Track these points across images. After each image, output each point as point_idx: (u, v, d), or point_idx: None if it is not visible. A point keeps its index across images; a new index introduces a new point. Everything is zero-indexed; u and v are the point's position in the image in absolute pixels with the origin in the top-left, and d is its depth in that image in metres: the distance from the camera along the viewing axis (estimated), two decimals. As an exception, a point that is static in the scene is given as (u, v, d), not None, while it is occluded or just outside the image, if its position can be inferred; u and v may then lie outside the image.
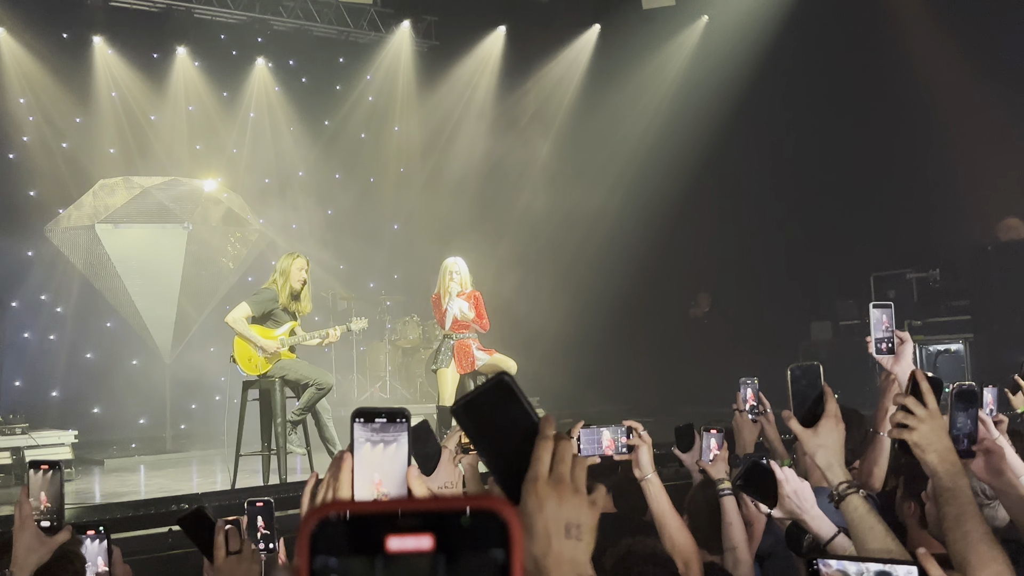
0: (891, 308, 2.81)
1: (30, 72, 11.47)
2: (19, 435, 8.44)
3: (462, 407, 1.12)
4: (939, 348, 10.59)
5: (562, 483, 1.09)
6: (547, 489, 1.09)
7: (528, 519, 1.08)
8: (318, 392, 7.26)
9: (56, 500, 2.27)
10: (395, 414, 1.38)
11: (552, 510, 1.08)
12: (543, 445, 1.10)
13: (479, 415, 1.12)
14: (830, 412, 2.06)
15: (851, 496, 2.01)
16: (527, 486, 1.09)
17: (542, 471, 1.10)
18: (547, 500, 1.08)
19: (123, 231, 10.33)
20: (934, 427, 1.96)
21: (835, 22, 11.86)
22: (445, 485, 2.69)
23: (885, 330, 2.78)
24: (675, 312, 13.52)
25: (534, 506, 1.09)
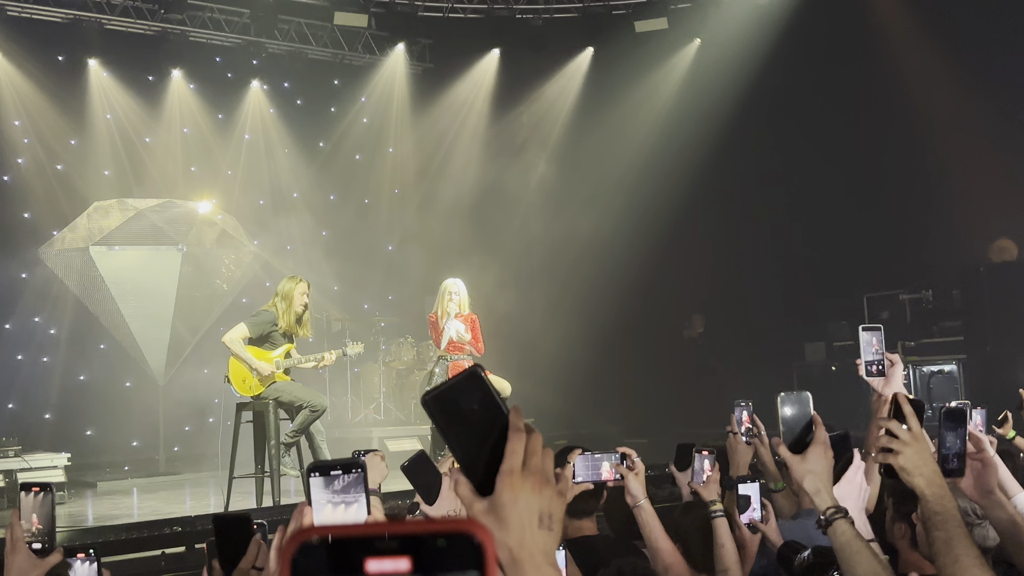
0: (880, 331, 2.83)
1: (25, 94, 11.50)
2: (12, 458, 8.42)
3: (432, 399, 1.13)
4: (932, 369, 10.61)
5: (535, 475, 1.12)
6: (521, 481, 1.11)
7: (503, 510, 1.11)
8: (312, 414, 7.25)
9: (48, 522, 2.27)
10: (350, 465, 1.40)
11: (526, 501, 1.11)
12: (516, 438, 1.12)
13: (449, 407, 1.13)
14: (819, 439, 2.07)
15: (838, 521, 2.02)
16: (502, 479, 1.11)
17: (516, 464, 1.11)
18: (522, 492, 1.11)
19: (117, 253, 10.35)
20: (919, 450, 1.96)
21: (826, 44, 11.95)
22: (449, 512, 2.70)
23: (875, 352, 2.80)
24: (669, 333, 13.54)
25: (509, 498, 1.11)
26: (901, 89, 11.36)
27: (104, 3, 11.95)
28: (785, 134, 12.42)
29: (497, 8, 13.49)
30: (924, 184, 11.28)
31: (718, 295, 12.94)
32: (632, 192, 12.90)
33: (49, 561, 2.25)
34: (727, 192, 12.78)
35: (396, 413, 11.96)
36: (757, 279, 12.63)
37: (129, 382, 11.54)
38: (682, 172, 12.44)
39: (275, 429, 7.23)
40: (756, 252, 12.70)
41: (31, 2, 11.51)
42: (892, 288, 11.54)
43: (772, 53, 12.04)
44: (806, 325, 12.18)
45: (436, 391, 1.13)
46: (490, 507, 1.12)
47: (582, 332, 12.58)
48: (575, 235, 13.36)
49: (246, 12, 12.65)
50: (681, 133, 12.71)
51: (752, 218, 12.78)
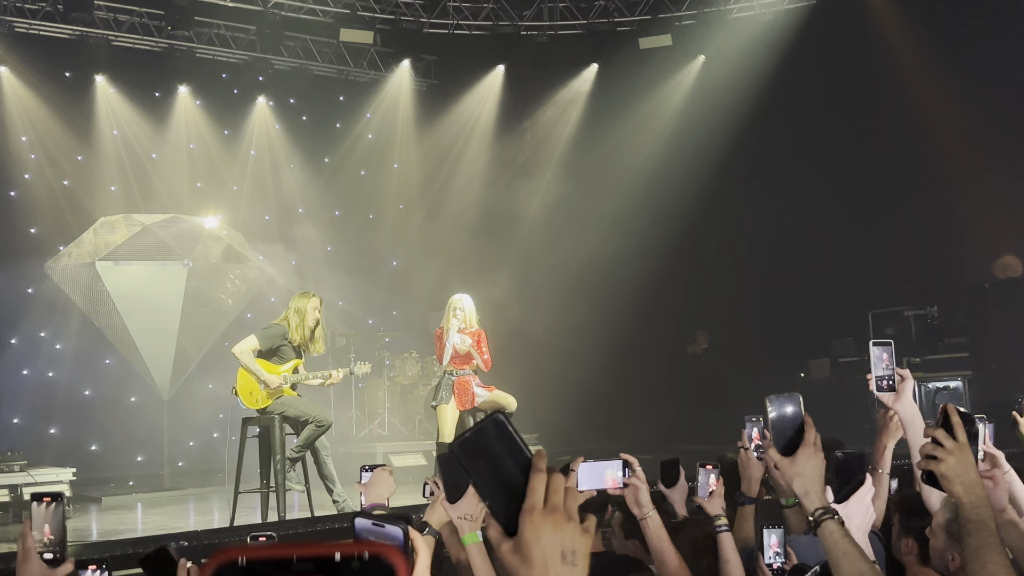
0: (891, 346, 2.84)
1: (32, 110, 11.57)
2: (17, 472, 8.42)
3: (459, 445, 1.19)
4: (938, 385, 10.59)
5: (556, 512, 1.16)
6: (542, 518, 1.15)
7: (526, 548, 1.15)
8: (317, 429, 7.26)
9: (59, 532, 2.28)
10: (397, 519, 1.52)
11: (548, 538, 1.15)
12: (537, 477, 1.17)
13: (475, 452, 1.18)
14: (808, 440, 2.08)
15: (827, 522, 2.04)
16: (524, 517, 1.16)
17: (537, 502, 1.16)
18: (543, 529, 1.15)
19: (123, 268, 10.38)
20: (962, 459, 2.00)
21: (830, 61, 11.99)
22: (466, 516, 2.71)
23: (885, 367, 2.80)
24: (673, 349, 13.53)
25: (531, 535, 1.15)
26: (906, 105, 11.38)
27: (111, 20, 12.02)
28: (789, 151, 12.44)
29: (502, 25, 13.56)
30: (929, 201, 11.29)
31: (722, 311, 12.93)
32: (636, 209, 12.92)
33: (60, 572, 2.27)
34: (731, 208, 12.80)
35: (400, 428, 11.95)
36: (761, 295, 12.63)
37: (134, 397, 11.56)
38: (686, 188, 12.46)
39: (281, 444, 7.23)
40: (760, 268, 12.70)
41: (39, 19, 11.59)
42: (897, 304, 11.53)
43: (776, 70, 12.08)
44: (811, 341, 12.16)
45: (462, 438, 1.19)
46: (515, 546, 1.16)
47: (586, 348, 12.58)
48: (579, 252, 13.38)
49: (252, 29, 12.72)
50: (685, 149, 12.74)
51: (756, 234, 12.79)
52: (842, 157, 12.14)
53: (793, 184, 12.43)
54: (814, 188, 12.24)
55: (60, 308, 11.18)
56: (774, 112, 12.16)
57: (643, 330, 12.88)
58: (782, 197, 12.55)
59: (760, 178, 12.67)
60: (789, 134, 12.36)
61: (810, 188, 12.28)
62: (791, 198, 12.49)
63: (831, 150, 12.17)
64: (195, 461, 11.64)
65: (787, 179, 12.52)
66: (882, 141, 11.82)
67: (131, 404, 11.50)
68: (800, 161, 12.39)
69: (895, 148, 11.63)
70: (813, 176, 12.27)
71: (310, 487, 7.46)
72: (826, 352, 12.07)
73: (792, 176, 12.47)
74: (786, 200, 12.53)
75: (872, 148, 11.93)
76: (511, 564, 1.17)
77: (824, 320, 12.13)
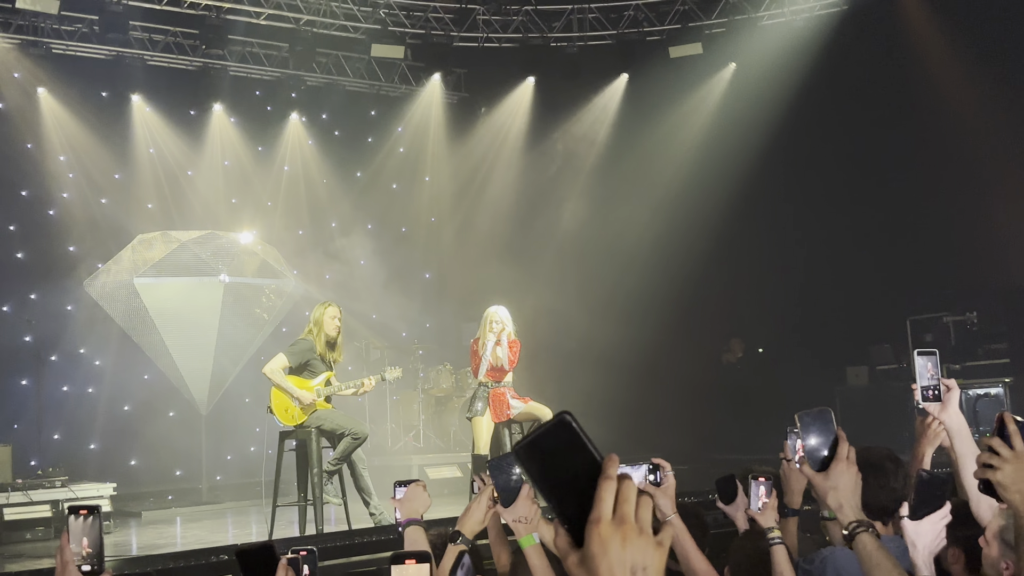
0: (936, 355, 2.81)
1: (70, 130, 11.75)
2: (58, 488, 8.53)
3: (524, 448, 1.10)
4: (978, 392, 10.44)
5: (626, 524, 1.08)
6: (610, 530, 1.07)
7: (592, 562, 1.06)
8: (354, 442, 7.29)
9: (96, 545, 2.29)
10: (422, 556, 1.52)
11: (616, 552, 1.06)
12: (606, 485, 1.09)
13: (541, 455, 1.10)
14: (841, 455, 2.10)
15: (861, 535, 2.06)
16: (590, 528, 1.07)
17: (605, 512, 1.08)
18: (611, 542, 1.06)
19: (161, 285, 10.49)
20: (1019, 468, 1.98)
21: (862, 65, 11.90)
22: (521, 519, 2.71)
23: (931, 377, 2.77)
24: (708, 358, 13.45)
25: (598, 549, 1.07)
26: (942, 109, 11.25)
27: (146, 40, 12.20)
28: (823, 157, 12.35)
29: (531, 37, 13.59)
30: (967, 205, 11.15)
31: (757, 320, 12.85)
32: (669, 218, 12.87)
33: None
34: (765, 216, 12.72)
35: (435, 440, 11.96)
36: (797, 303, 12.53)
37: (172, 412, 11.67)
38: (719, 197, 12.40)
39: (317, 457, 7.27)
40: (796, 276, 12.59)
41: (75, 40, 11.78)
42: (936, 311, 11.39)
43: (808, 75, 11.99)
44: (848, 349, 12.05)
45: (526, 440, 1.10)
46: (581, 559, 1.08)
47: (620, 359, 12.52)
48: (611, 261, 13.35)
49: (284, 46, 12.86)
50: (718, 158, 12.68)
51: (791, 242, 12.69)
52: (878, 162, 12.03)
53: (828, 190, 12.33)
54: (850, 194, 12.14)
55: (99, 325, 11.32)
56: (807, 118, 12.07)
57: (677, 340, 12.82)
58: (817, 204, 12.44)
59: (794, 185, 12.57)
60: (823, 140, 12.27)
61: (846, 194, 12.18)
62: (826, 204, 12.38)
63: (866, 155, 12.06)
64: (233, 475, 11.72)
65: (822, 185, 12.42)
66: (918, 145, 11.69)
67: (170, 419, 11.61)
68: (835, 167, 12.30)
69: (932, 152, 11.50)
70: (849, 182, 12.17)
71: (347, 500, 7.49)
72: (864, 360, 11.95)
73: (827, 182, 12.37)
74: (821, 207, 12.42)
75: (908, 153, 11.81)
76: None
77: (862, 327, 12.00)
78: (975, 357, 10.84)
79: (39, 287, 11.36)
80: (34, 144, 11.61)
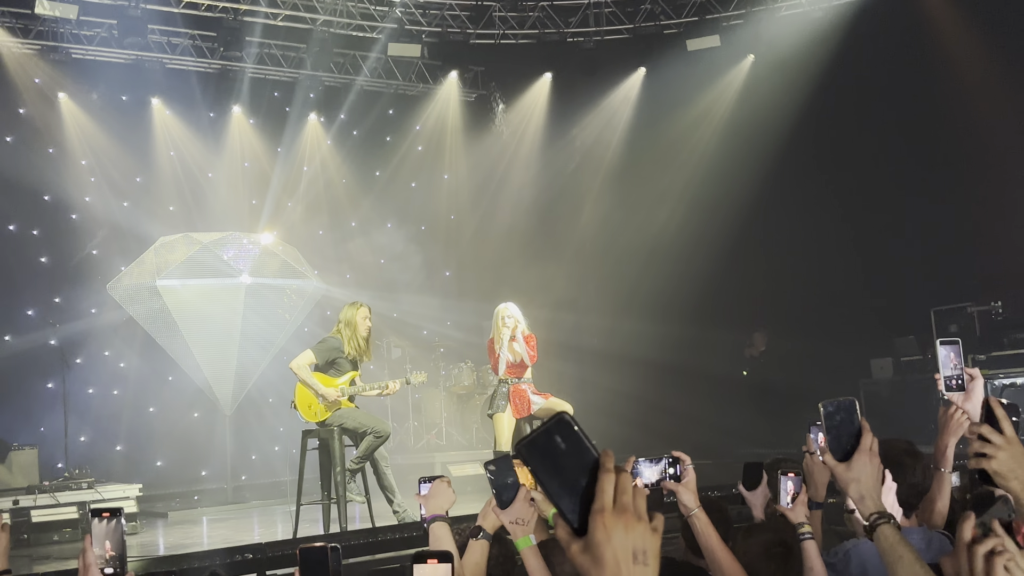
0: (959, 344, 2.79)
1: (91, 134, 11.83)
2: (85, 489, 8.60)
3: (526, 446, 1.18)
4: (1004, 382, 10.34)
5: (626, 512, 1.17)
6: (613, 519, 1.16)
7: (597, 549, 1.15)
8: (376, 440, 7.31)
9: (119, 547, 2.30)
10: None
11: (620, 539, 1.15)
12: (606, 478, 1.17)
13: (542, 453, 1.18)
14: (864, 446, 2.07)
15: (882, 526, 2.03)
16: (594, 518, 1.16)
17: (607, 502, 1.16)
18: (614, 530, 1.15)
19: (183, 286, 10.55)
20: (1013, 454, 1.94)
21: (882, 55, 11.80)
22: (517, 520, 2.71)
23: (954, 367, 2.75)
24: (731, 352, 13.38)
25: (602, 536, 1.15)
26: (963, 98, 11.15)
27: (165, 43, 12.27)
28: (844, 147, 12.26)
29: (548, 33, 13.57)
30: (991, 195, 11.04)
31: (780, 312, 12.77)
32: (689, 211, 12.83)
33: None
34: (787, 209, 12.64)
35: (458, 438, 11.98)
36: (820, 295, 12.45)
37: (197, 413, 11.74)
38: (740, 189, 12.34)
39: (340, 456, 7.29)
40: (818, 268, 12.52)
41: (95, 45, 11.86)
42: (960, 301, 11.29)
43: (827, 66, 11.91)
44: (873, 341, 11.95)
45: (528, 438, 1.19)
46: (585, 547, 1.16)
47: (642, 354, 12.50)
48: (632, 256, 13.31)
49: (302, 47, 12.90)
50: (738, 150, 12.62)
51: (813, 234, 12.61)
52: (900, 153, 11.93)
53: (850, 182, 12.25)
54: (872, 186, 12.05)
55: (123, 327, 11.41)
56: (827, 109, 11.99)
57: (699, 333, 12.75)
58: (839, 196, 12.36)
59: (815, 178, 12.49)
60: (844, 132, 12.18)
61: (868, 186, 12.09)
62: (848, 197, 12.30)
63: (888, 146, 11.96)
64: (258, 474, 11.79)
65: (844, 178, 12.34)
66: (941, 136, 11.58)
67: (194, 420, 11.69)
68: (857, 159, 12.20)
69: (955, 142, 11.38)
70: (871, 174, 12.07)
71: (370, 498, 7.52)
72: (889, 352, 11.86)
73: (849, 174, 12.29)
74: (843, 199, 12.34)
75: (931, 143, 11.70)
76: (582, 565, 1.17)
77: (886, 319, 11.91)
78: (1000, 347, 10.73)
79: (63, 291, 11.46)
80: (56, 149, 11.71)
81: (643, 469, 3.08)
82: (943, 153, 11.55)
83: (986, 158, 11.04)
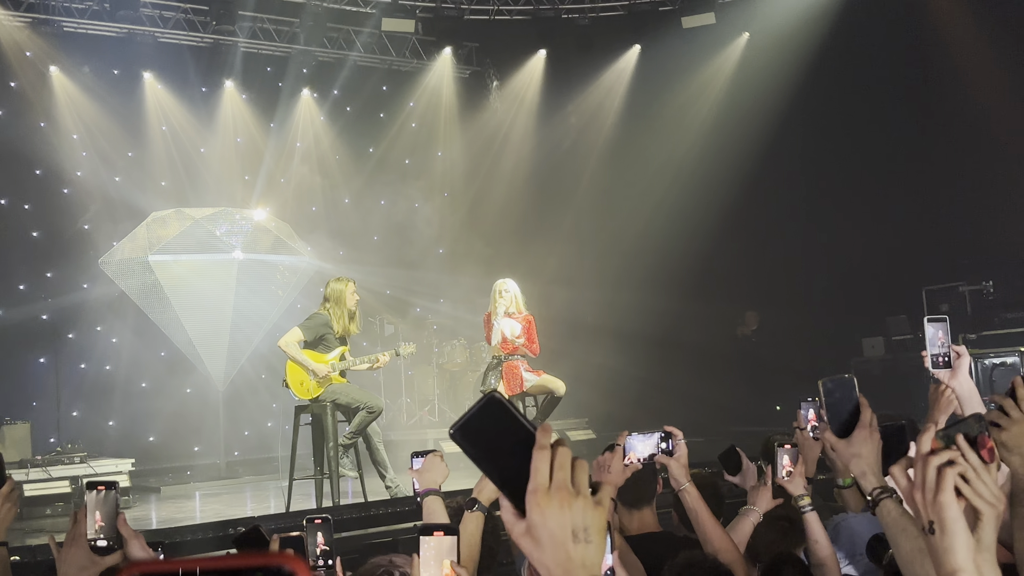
0: (946, 322, 2.81)
1: (83, 108, 11.75)
2: (78, 464, 8.62)
3: (458, 430, 1.13)
4: (995, 361, 10.39)
5: (562, 490, 1.11)
6: (547, 498, 1.11)
7: (536, 531, 1.11)
8: (369, 416, 7.33)
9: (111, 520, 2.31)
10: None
11: (556, 518, 1.10)
12: (540, 456, 1.12)
13: (476, 435, 1.13)
14: (864, 422, 2.10)
15: (885, 501, 2.05)
16: (529, 499, 1.11)
17: (541, 481, 1.11)
18: (548, 509, 1.10)
19: (176, 262, 10.53)
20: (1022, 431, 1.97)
21: (877, 33, 11.77)
22: None
23: (941, 345, 2.77)
24: (723, 331, 13.42)
25: (538, 517, 1.11)
26: (957, 76, 11.15)
27: (157, 16, 12.17)
28: (838, 126, 12.25)
29: (543, 9, 13.49)
30: (983, 174, 11.06)
31: (772, 291, 12.80)
32: (684, 189, 12.81)
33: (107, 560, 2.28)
34: (780, 187, 12.65)
35: (450, 415, 12.00)
36: (812, 274, 12.48)
37: (189, 388, 11.74)
38: (734, 167, 12.33)
39: (333, 431, 7.31)
40: (810, 247, 12.54)
41: (87, 18, 11.76)
42: (952, 280, 11.32)
43: (823, 44, 11.89)
44: (864, 320, 12.00)
45: (459, 422, 1.13)
46: (526, 528, 1.12)
47: (635, 332, 12.52)
48: (626, 233, 13.31)
49: (295, 22, 12.81)
50: (732, 128, 12.60)
51: (806, 213, 12.63)
52: (893, 132, 11.92)
53: (843, 160, 12.25)
54: (865, 163, 12.05)
55: (115, 302, 11.39)
56: (821, 88, 11.97)
57: (692, 312, 12.78)
58: (831, 174, 12.37)
59: (809, 156, 12.50)
60: (837, 110, 12.17)
61: (861, 163, 12.10)
62: (841, 174, 12.31)
63: (881, 124, 11.95)
64: (250, 450, 11.81)
65: (836, 156, 12.34)
66: (934, 114, 11.58)
67: (187, 395, 11.69)
68: (850, 137, 12.20)
69: (948, 121, 11.39)
70: (864, 152, 12.08)
71: (363, 473, 7.54)
72: (880, 330, 11.90)
73: (842, 152, 12.29)
74: (836, 177, 12.35)
75: (924, 122, 11.70)
76: (525, 547, 1.13)
77: (877, 298, 11.95)
78: (991, 326, 10.78)
79: (55, 265, 11.41)
80: (47, 123, 11.63)
81: (636, 443, 3.11)
82: (936, 133, 11.55)
83: (979, 138, 11.04)
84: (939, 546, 1.47)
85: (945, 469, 1.48)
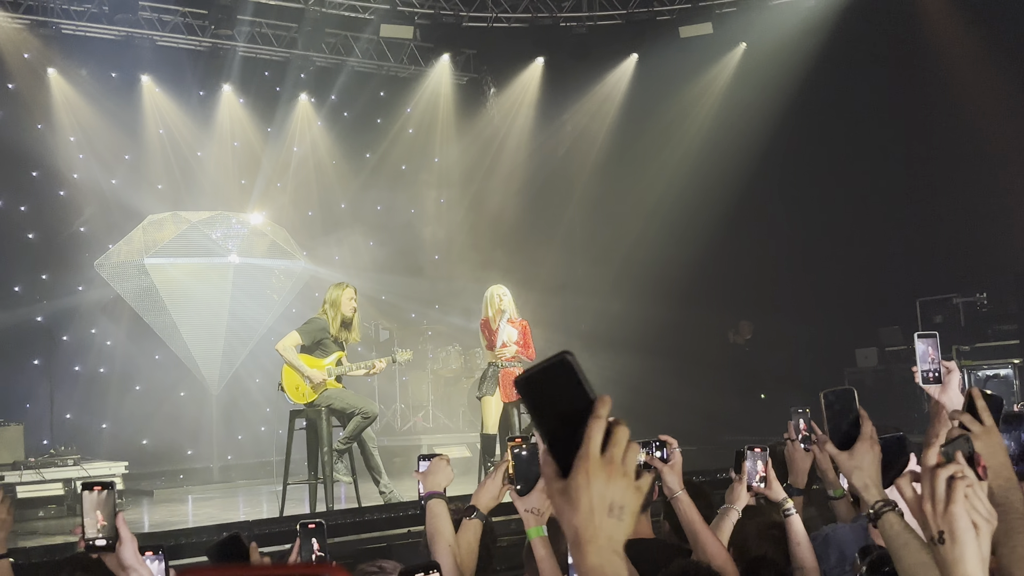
0: (936, 338, 2.84)
1: (80, 111, 11.75)
2: (71, 466, 8.61)
3: (523, 381, 1.19)
4: (987, 373, 10.44)
5: (612, 464, 1.17)
6: (597, 468, 1.16)
7: (575, 492, 1.16)
8: (363, 421, 7.34)
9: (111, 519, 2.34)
10: None
11: (599, 488, 1.16)
12: (595, 425, 1.17)
13: (538, 389, 1.18)
14: (865, 434, 2.12)
15: (887, 514, 2.06)
16: (578, 462, 1.16)
17: (593, 449, 1.16)
18: (595, 478, 1.16)
19: (171, 265, 10.54)
20: (989, 443, 1.99)
21: (874, 46, 11.83)
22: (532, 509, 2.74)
23: (931, 360, 2.80)
24: (716, 340, 13.45)
25: (582, 481, 1.16)
26: (953, 89, 11.20)
27: (155, 20, 12.19)
28: (834, 138, 12.30)
29: (541, 17, 13.53)
30: (977, 186, 11.11)
31: (766, 301, 12.83)
32: (678, 198, 12.84)
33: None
34: (775, 197, 12.69)
35: (445, 421, 12.02)
36: (806, 284, 12.51)
37: (184, 392, 11.73)
38: (729, 178, 12.37)
39: (328, 436, 7.32)
40: (805, 257, 12.58)
41: (85, 20, 11.77)
42: (946, 292, 11.37)
43: (820, 55, 11.93)
44: (858, 331, 12.03)
45: (527, 373, 1.19)
46: (565, 488, 1.17)
47: (629, 340, 12.54)
48: (620, 242, 13.34)
49: (294, 26, 12.82)
50: (728, 138, 12.64)
51: (800, 223, 12.66)
52: (888, 143, 11.97)
53: (838, 171, 12.30)
54: (860, 175, 12.10)
55: (110, 305, 11.38)
56: (818, 98, 12.02)
57: (685, 320, 12.80)
58: (827, 184, 12.41)
59: (804, 165, 12.53)
60: (834, 120, 12.21)
61: (856, 175, 12.14)
62: (836, 185, 12.35)
63: (877, 136, 12.00)
64: (244, 454, 11.80)
65: (832, 166, 12.38)
66: (929, 126, 11.64)
67: (181, 399, 11.68)
68: (846, 147, 12.24)
69: (943, 134, 11.44)
70: (859, 162, 12.12)
71: (357, 478, 7.55)
72: (873, 341, 11.94)
73: (837, 162, 12.33)
74: (831, 187, 12.39)
75: (919, 133, 11.75)
76: (558, 505, 1.18)
77: (871, 309, 11.99)
78: (985, 338, 10.83)
79: (50, 267, 11.41)
80: (44, 125, 11.63)
81: None
82: (932, 144, 11.61)
83: (975, 150, 11.10)
84: (949, 556, 1.50)
85: (956, 481, 1.52)
